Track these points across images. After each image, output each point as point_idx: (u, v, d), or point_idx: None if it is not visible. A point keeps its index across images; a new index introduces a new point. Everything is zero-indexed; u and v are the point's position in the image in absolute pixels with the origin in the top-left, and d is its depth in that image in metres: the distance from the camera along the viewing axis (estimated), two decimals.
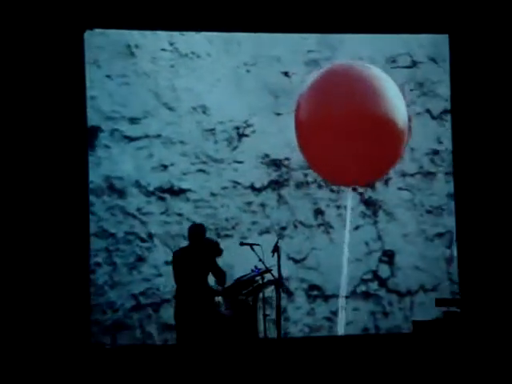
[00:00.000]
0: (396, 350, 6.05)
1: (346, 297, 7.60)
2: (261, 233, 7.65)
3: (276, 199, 7.74)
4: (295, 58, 7.73)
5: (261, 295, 6.52)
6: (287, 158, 7.76)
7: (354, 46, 7.65)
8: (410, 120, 7.33)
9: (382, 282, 7.73)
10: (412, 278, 7.74)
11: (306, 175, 7.77)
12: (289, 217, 7.64)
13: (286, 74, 7.76)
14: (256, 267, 6.59)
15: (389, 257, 7.78)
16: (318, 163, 6.21)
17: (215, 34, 7.74)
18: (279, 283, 6.43)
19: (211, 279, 6.67)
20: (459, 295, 7.14)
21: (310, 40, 7.71)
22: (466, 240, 7.28)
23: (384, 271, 7.76)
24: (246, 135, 7.79)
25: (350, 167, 5.84)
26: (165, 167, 7.62)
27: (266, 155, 7.77)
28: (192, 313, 6.44)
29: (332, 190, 7.79)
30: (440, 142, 7.84)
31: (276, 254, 6.49)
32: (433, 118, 7.80)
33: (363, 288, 7.65)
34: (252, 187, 7.75)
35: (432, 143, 7.80)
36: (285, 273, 6.80)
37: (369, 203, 7.76)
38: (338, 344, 6.33)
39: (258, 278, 6.57)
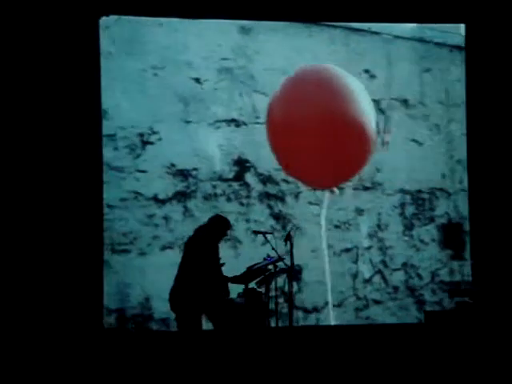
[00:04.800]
0: (407, 341, 5.98)
1: None
2: (163, 248, 7.26)
3: (181, 212, 7.39)
4: (208, 64, 7.42)
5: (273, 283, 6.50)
6: (195, 169, 7.45)
7: (269, 57, 7.48)
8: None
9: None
10: (318, 293, 7.65)
11: (214, 187, 7.48)
12: None
13: (197, 80, 7.43)
14: (268, 255, 6.50)
15: (296, 272, 7.64)
16: (292, 166, 6.54)
17: (121, 33, 7.28)
18: (291, 272, 6.39)
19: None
20: (472, 286, 7.11)
21: (225, 47, 7.43)
22: (479, 231, 7.20)
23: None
24: (151, 143, 7.39)
25: (323, 169, 5.90)
26: None
27: (172, 165, 7.43)
28: (201, 300, 6.28)
29: (241, 204, 7.55)
30: None
31: (289, 243, 6.46)
32: None
33: (270, 305, 7.43)
34: (155, 199, 7.35)
35: None
36: None
37: (278, 217, 7.60)
38: (350, 333, 6.18)
39: (270, 266, 6.50)
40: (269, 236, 6.70)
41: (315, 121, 6.32)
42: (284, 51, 7.47)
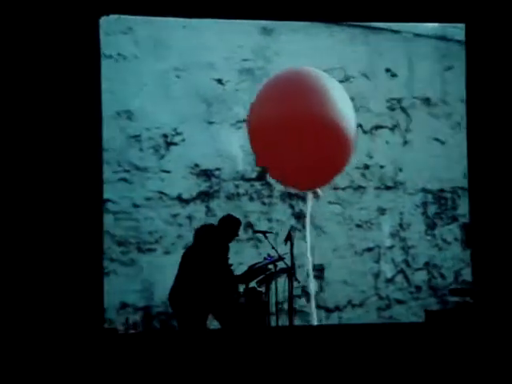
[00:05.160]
0: (408, 340, 5.98)
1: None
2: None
3: (204, 211, 7.48)
4: (229, 65, 7.51)
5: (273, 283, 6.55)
6: (218, 169, 7.53)
7: (290, 57, 7.53)
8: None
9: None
10: (340, 293, 7.67)
11: (237, 187, 7.56)
12: None
13: (219, 81, 7.52)
14: (269, 255, 6.54)
15: (318, 271, 7.68)
16: (271, 168, 6.60)
17: (143, 35, 7.41)
18: (292, 271, 6.44)
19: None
20: (473, 286, 7.11)
21: (246, 48, 7.51)
22: (480, 232, 7.21)
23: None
24: (175, 143, 7.50)
25: (302, 170, 5.85)
26: None
27: (196, 165, 7.52)
28: (208, 300, 6.30)
29: (263, 203, 7.61)
30: (370, 157, 7.83)
31: (289, 243, 6.47)
32: (364, 132, 7.79)
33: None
34: (179, 198, 7.46)
35: (363, 158, 7.77)
36: None
37: (299, 216, 7.65)
38: (350, 332, 6.20)
39: (270, 266, 6.54)
40: (269, 235, 6.73)
41: (293, 122, 6.36)
42: (305, 51, 7.50)
